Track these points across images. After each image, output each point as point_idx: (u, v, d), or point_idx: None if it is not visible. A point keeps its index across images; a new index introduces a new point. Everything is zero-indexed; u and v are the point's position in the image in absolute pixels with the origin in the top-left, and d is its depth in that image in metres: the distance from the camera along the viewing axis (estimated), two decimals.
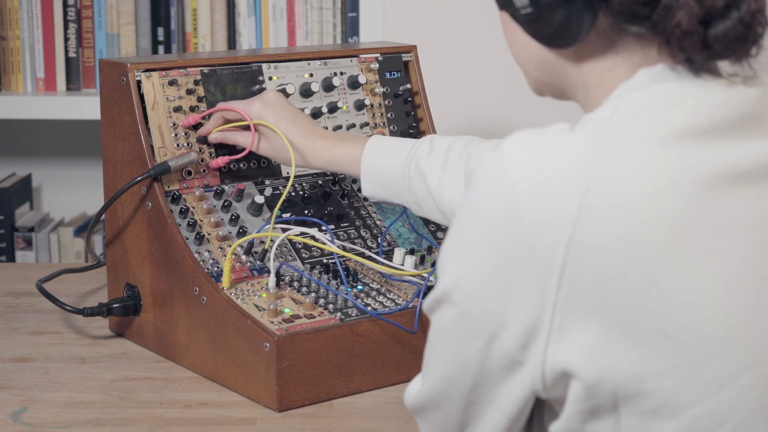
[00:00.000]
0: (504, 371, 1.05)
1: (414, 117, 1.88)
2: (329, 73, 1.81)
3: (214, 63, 1.73)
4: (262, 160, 1.74)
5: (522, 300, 1.01)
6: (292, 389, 1.49)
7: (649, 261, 0.98)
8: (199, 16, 2.56)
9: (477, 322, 1.05)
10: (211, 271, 1.59)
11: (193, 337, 1.61)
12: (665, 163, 1.00)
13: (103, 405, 1.51)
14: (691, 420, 1.00)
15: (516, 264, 1.01)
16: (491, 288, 1.03)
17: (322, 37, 2.58)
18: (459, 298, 1.06)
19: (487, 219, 1.02)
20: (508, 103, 2.69)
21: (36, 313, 1.84)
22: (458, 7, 2.65)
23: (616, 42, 1.07)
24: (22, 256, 2.62)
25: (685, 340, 0.99)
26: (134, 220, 1.68)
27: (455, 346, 1.08)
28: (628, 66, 1.08)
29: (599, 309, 0.99)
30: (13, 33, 2.55)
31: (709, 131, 1.02)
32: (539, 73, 1.16)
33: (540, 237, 0.99)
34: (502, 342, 1.04)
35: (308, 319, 1.53)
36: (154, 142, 1.66)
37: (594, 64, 1.09)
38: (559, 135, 1.03)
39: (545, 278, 1.00)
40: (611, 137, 1.00)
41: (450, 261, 1.07)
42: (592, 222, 0.98)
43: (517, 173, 1.01)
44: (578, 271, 0.98)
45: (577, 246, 0.98)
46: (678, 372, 0.99)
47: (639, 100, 1.04)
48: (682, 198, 0.99)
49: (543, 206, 0.99)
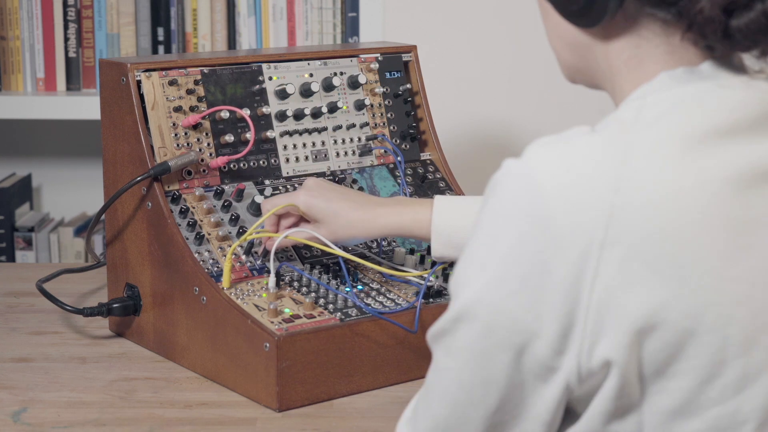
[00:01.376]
0: (537, 380, 1.03)
1: (414, 117, 1.88)
2: (329, 73, 1.81)
3: (214, 63, 1.73)
4: (261, 160, 1.74)
5: (554, 305, 1.00)
6: (292, 389, 1.49)
7: (676, 260, 0.98)
8: (199, 16, 2.56)
9: (504, 336, 1.02)
10: (211, 271, 1.59)
11: (193, 337, 1.61)
12: (690, 164, 1.00)
13: (103, 405, 1.51)
14: (713, 419, 1.01)
15: (547, 269, 0.99)
16: (521, 297, 1.01)
17: (322, 37, 2.58)
18: (483, 313, 1.03)
19: (516, 225, 1.01)
20: (508, 103, 2.69)
21: (36, 313, 1.84)
22: (458, 7, 2.65)
23: (641, 26, 1.07)
24: (22, 256, 2.62)
25: (709, 340, 0.99)
26: (134, 220, 1.68)
27: (478, 365, 1.05)
28: (653, 56, 1.08)
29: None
30: (13, 33, 2.55)
31: (731, 131, 1.02)
32: (569, 55, 1.16)
33: (573, 239, 0.98)
34: (534, 351, 1.02)
35: (308, 319, 1.53)
36: (154, 142, 1.66)
37: (620, 50, 1.10)
38: (583, 137, 1.03)
39: (578, 281, 0.99)
40: (637, 138, 1.01)
41: (471, 275, 1.05)
42: (623, 222, 0.98)
43: (546, 177, 1.00)
44: (611, 272, 0.98)
45: (609, 247, 0.98)
46: (702, 371, 1.00)
47: (661, 103, 1.04)
48: (707, 197, 0.99)
49: (574, 208, 0.99)
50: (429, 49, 2.39)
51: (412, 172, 1.85)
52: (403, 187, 1.76)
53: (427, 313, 1.56)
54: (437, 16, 2.65)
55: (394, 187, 1.80)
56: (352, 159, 1.81)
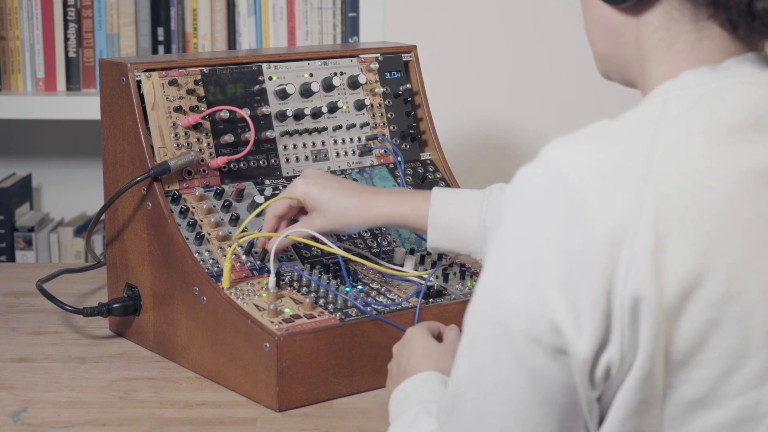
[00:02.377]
0: (584, 383, 1.02)
1: (414, 117, 1.88)
2: (329, 73, 1.81)
3: (214, 63, 1.73)
4: (261, 160, 1.74)
5: (593, 302, 0.99)
6: (292, 389, 1.49)
7: (703, 250, 0.99)
8: (199, 16, 2.56)
9: (548, 341, 1.00)
10: (211, 271, 1.59)
11: (193, 337, 1.61)
12: (716, 156, 1.01)
13: (103, 405, 1.51)
14: (735, 410, 1.01)
15: (584, 267, 0.99)
16: (560, 299, 0.99)
17: (322, 37, 2.58)
18: (523, 324, 1.01)
19: (551, 227, 1.00)
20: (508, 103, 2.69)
21: (36, 313, 1.84)
22: (458, 7, 2.65)
23: (673, 7, 1.09)
24: (22, 256, 2.62)
25: (733, 331, 1.00)
26: (134, 220, 1.68)
27: (531, 382, 1.02)
28: (682, 41, 1.09)
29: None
30: (13, 33, 2.55)
31: (755, 125, 1.03)
32: (605, 44, 1.17)
33: (606, 233, 0.98)
34: (577, 353, 1.00)
35: (308, 319, 1.53)
36: (154, 142, 1.66)
37: (651, 31, 1.10)
38: (605, 131, 1.03)
39: (613, 274, 0.98)
40: (663, 131, 1.02)
41: (502, 287, 1.03)
42: (651, 213, 0.98)
43: (575, 175, 1.00)
44: (643, 261, 0.98)
45: (640, 236, 0.98)
46: (725, 362, 1.00)
47: (686, 98, 1.05)
48: (733, 189, 1.00)
49: (606, 202, 0.99)
50: (429, 49, 2.39)
51: (412, 172, 1.85)
52: (404, 187, 1.76)
53: (427, 313, 1.56)
54: (437, 16, 2.65)
55: (394, 187, 1.80)
56: (352, 159, 1.81)
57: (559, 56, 2.65)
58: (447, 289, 1.65)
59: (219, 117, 1.70)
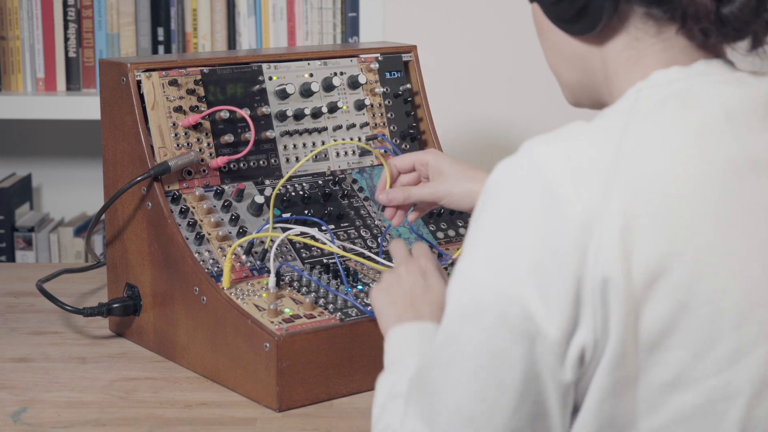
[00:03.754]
0: (552, 370, 1.04)
1: (414, 117, 1.88)
2: (329, 73, 1.81)
3: (214, 63, 1.73)
4: (261, 160, 1.74)
5: (563, 286, 1.02)
6: (292, 389, 1.49)
7: (672, 236, 1.02)
8: (199, 16, 2.56)
9: (517, 325, 1.03)
10: (211, 271, 1.59)
11: (193, 337, 1.61)
12: (685, 147, 1.05)
13: (103, 405, 1.51)
14: (707, 391, 1.03)
15: (556, 252, 1.02)
16: (532, 283, 1.02)
17: (322, 37, 2.58)
18: (493, 305, 1.04)
19: (526, 216, 1.03)
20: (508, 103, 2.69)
21: (36, 313, 1.84)
22: (458, 7, 2.65)
23: (635, 27, 1.11)
24: (22, 256, 2.62)
25: (703, 314, 1.02)
26: (134, 220, 1.68)
27: (492, 364, 1.05)
28: (650, 53, 1.12)
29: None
30: (13, 33, 2.55)
31: (724, 121, 1.06)
32: (571, 73, 1.19)
33: (577, 219, 1.01)
34: (546, 337, 1.02)
35: (308, 319, 1.53)
36: (154, 142, 1.66)
37: (617, 52, 1.13)
38: (579, 127, 1.07)
39: (583, 257, 1.01)
40: (633, 125, 1.05)
41: (477, 270, 1.06)
42: (620, 198, 1.01)
43: (550, 166, 1.03)
44: (612, 245, 1.01)
45: (608, 220, 1.01)
46: (696, 344, 1.02)
47: (656, 95, 1.08)
48: (703, 178, 1.04)
49: (579, 190, 1.02)
50: (429, 49, 2.38)
51: None
52: None
53: None
54: (437, 16, 2.65)
55: None
56: (352, 159, 1.81)
57: None
58: None
59: (219, 117, 1.70)
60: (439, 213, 1.81)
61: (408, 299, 1.37)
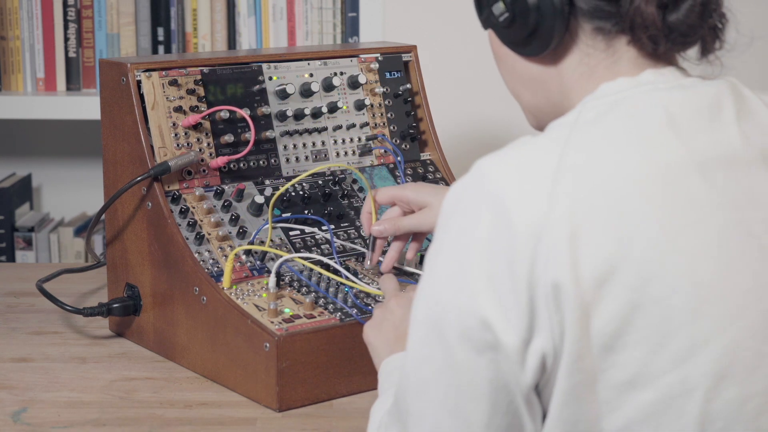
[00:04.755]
0: (518, 375, 1.06)
1: (414, 117, 1.89)
2: (329, 73, 1.81)
3: (214, 63, 1.73)
4: (261, 160, 1.74)
5: (516, 295, 1.04)
6: (292, 389, 1.49)
7: (618, 238, 1.04)
8: (199, 16, 2.56)
9: (478, 336, 1.05)
10: (211, 271, 1.59)
11: (193, 337, 1.61)
12: (627, 152, 1.07)
13: (103, 405, 1.51)
14: (664, 387, 1.05)
15: (509, 263, 1.04)
16: (489, 294, 1.05)
17: (322, 37, 2.58)
18: (454, 321, 1.06)
19: (480, 231, 1.05)
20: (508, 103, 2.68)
21: (36, 313, 1.84)
22: (458, 7, 2.64)
23: (585, 43, 1.14)
24: (22, 256, 2.62)
25: (655, 311, 1.04)
26: (134, 220, 1.68)
27: (458, 377, 1.07)
28: (601, 67, 1.14)
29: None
30: (13, 33, 2.55)
31: (667, 125, 1.09)
32: (531, 95, 1.22)
33: (526, 230, 1.03)
34: (506, 347, 1.04)
35: (308, 319, 1.53)
36: (154, 142, 1.66)
37: (571, 69, 1.16)
38: (526, 143, 1.10)
39: (534, 266, 1.03)
40: (576, 135, 1.08)
41: (436, 290, 1.08)
42: (565, 208, 1.03)
43: (498, 181, 1.06)
44: (560, 253, 1.03)
45: (554, 229, 1.03)
46: (650, 341, 1.04)
47: (600, 105, 1.11)
48: (647, 181, 1.06)
49: (525, 202, 1.04)
50: (429, 49, 2.38)
51: (412, 172, 1.85)
52: None
53: None
54: (437, 16, 2.65)
55: None
56: (352, 159, 1.81)
57: None
58: None
59: (219, 117, 1.70)
60: None
61: (399, 332, 1.40)
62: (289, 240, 1.67)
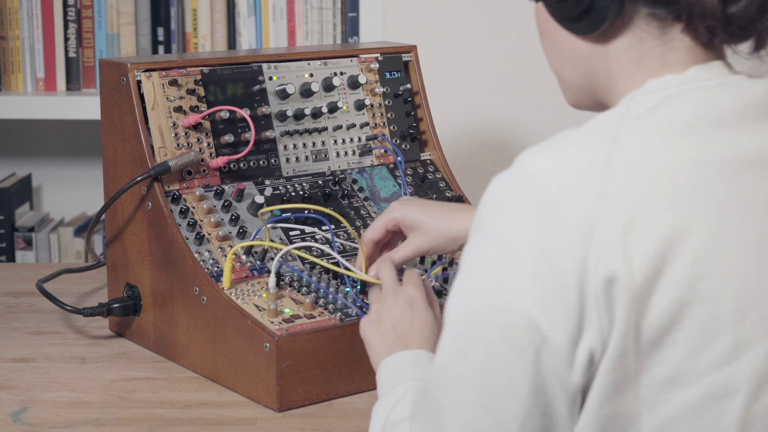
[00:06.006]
0: (561, 375, 1.05)
1: (414, 117, 1.88)
2: (329, 73, 1.81)
3: (214, 63, 1.73)
4: (261, 160, 1.74)
5: (564, 293, 1.02)
6: (292, 389, 1.49)
7: (670, 235, 1.03)
8: (199, 16, 2.56)
9: (521, 337, 1.04)
10: (211, 271, 1.59)
11: (193, 337, 1.61)
12: (679, 149, 1.06)
13: (103, 405, 1.51)
14: (706, 387, 1.04)
15: (555, 261, 1.03)
16: (535, 293, 1.03)
17: (322, 37, 2.58)
18: (496, 320, 1.05)
19: (524, 227, 1.04)
20: (508, 103, 2.69)
21: (36, 313, 1.84)
22: (458, 7, 2.65)
23: (639, 28, 1.12)
24: (22, 256, 2.62)
25: (702, 311, 1.03)
26: (134, 220, 1.68)
27: (498, 378, 1.06)
28: (651, 57, 1.13)
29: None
30: (13, 33, 2.55)
31: (714, 123, 1.08)
32: (572, 73, 1.19)
33: (575, 227, 1.02)
34: (551, 346, 1.03)
35: (308, 319, 1.53)
36: (154, 142, 1.66)
37: (620, 54, 1.14)
38: (570, 136, 1.08)
39: (584, 264, 1.02)
40: (624, 130, 1.06)
41: (477, 286, 1.07)
42: (617, 202, 1.02)
43: (545, 176, 1.04)
44: (612, 251, 1.02)
45: (606, 227, 1.02)
46: (695, 340, 1.04)
47: (648, 101, 1.09)
48: (698, 178, 1.05)
49: (573, 198, 1.03)
50: (429, 49, 2.38)
51: (412, 172, 1.85)
52: (404, 187, 1.76)
53: None
54: (437, 16, 2.65)
55: (394, 187, 1.80)
56: (352, 159, 1.81)
57: None
58: (446, 289, 1.65)
59: (219, 117, 1.70)
60: None
61: (397, 331, 1.39)
62: (290, 240, 1.67)
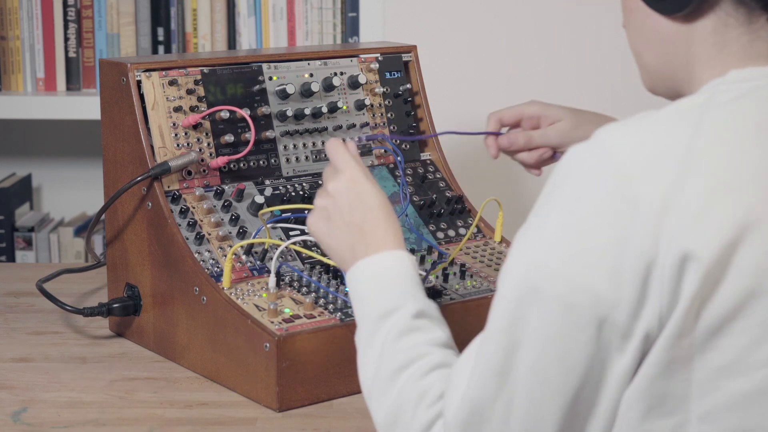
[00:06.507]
0: (615, 354, 1.05)
1: (414, 117, 1.89)
2: (329, 73, 1.81)
3: (214, 63, 1.73)
4: (261, 160, 1.74)
5: (632, 271, 1.03)
6: (292, 389, 1.49)
7: (742, 221, 1.03)
8: (199, 16, 2.56)
9: (584, 312, 1.04)
10: (211, 271, 1.59)
11: (193, 337, 1.61)
12: (759, 142, 1.05)
13: (103, 405, 1.51)
14: (760, 380, 1.04)
15: (626, 238, 1.03)
16: (601, 269, 1.03)
17: (322, 37, 2.58)
18: (561, 290, 1.05)
19: (596, 200, 1.04)
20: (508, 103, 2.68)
21: (36, 313, 1.84)
22: (458, 7, 2.65)
23: (725, 12, 1.12)
24: (22, 256, 2.62)
25: (766, 303, 1.03)
26: (134, 220, 1.68)
27: (556, 349, 1.06)
28: (735, 44, 1.12)
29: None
30: (13, 33, 2.55)
31: None
32: (651, 56, 1.19)
33: (649, 206, 1.02)
34: (613, 322, 1.04)
35: (308, 319, 1.53)
36: (154, 142, 1.66)
37: (703, 37, 1.13)
38: (651, 117, 1.08)
39: (656, 244, 1.02)
40: (708, 115, 1.06)
41: (542, 255, 1.07)
42: (700, 184, 1.03)
43: (621, 152, 1.05)
44: (686, 230, 1.02)
45: (685, 207, 1.02)
46: (755, 332, 1.04)
47: (732, 91, 1.09)
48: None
49: (649, 178, 1.03)
50: (429, 49, 2.38)
51: (412, 172, 1.85)
52: (404, 187, 1.76)
53: None
54: (437, 16, 2.65)
55: (394, 187, 1.80)
56: None
57: (558, 56, 2.65)
58: (447, 288, 1.65)
59: (219, 117, 1.70)
60: (439, 213, 1.80)
61: (353, 227, 1.30)
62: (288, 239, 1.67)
